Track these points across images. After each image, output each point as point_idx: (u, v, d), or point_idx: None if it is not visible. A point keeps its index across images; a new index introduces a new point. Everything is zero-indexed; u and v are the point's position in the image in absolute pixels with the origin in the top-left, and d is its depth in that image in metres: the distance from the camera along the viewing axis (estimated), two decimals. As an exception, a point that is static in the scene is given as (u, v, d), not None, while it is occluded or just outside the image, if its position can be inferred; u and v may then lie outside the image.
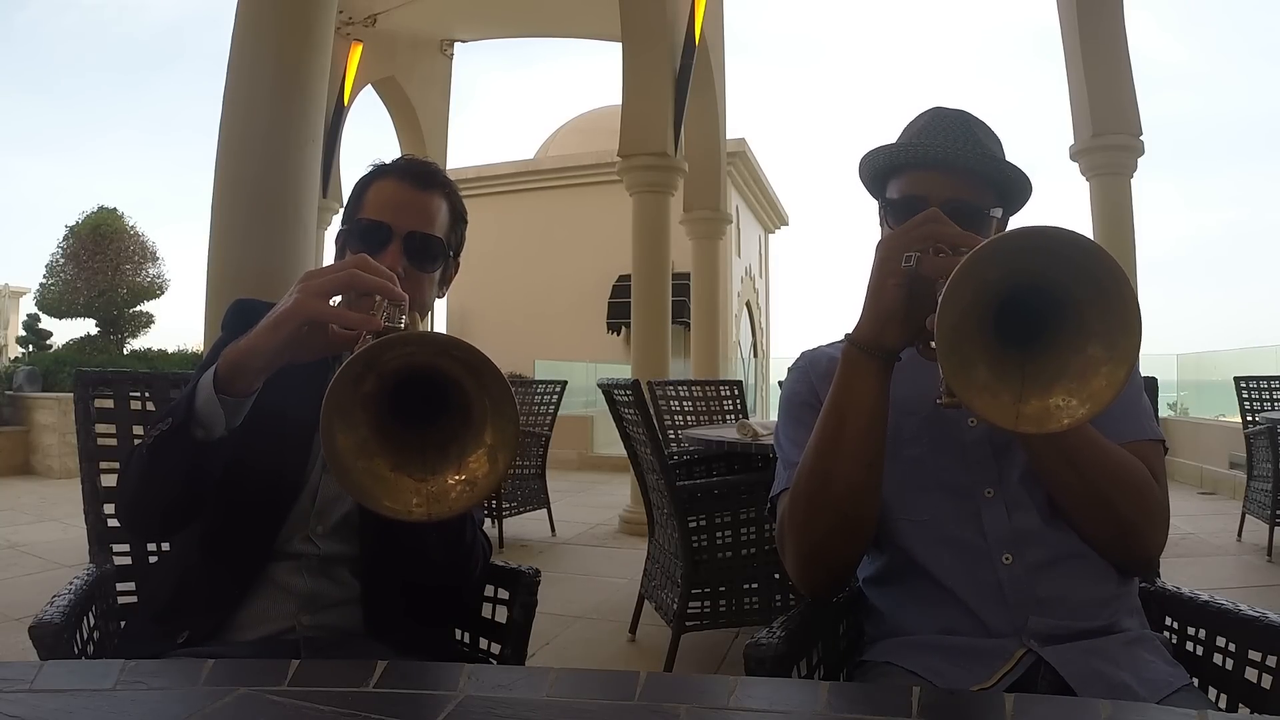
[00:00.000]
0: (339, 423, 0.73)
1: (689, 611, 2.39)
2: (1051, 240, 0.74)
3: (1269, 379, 4.51)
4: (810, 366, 1.14)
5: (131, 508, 1.06)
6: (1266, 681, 0.94)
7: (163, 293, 11.51)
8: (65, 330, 12.03)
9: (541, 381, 5.09)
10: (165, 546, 1.27)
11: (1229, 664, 1.00)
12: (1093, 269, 0.74)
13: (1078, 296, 0.76)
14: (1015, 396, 0.77)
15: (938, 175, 1.03)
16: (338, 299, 0.92)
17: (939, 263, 0.85)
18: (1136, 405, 1.04)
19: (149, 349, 10.45)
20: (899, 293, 0.88)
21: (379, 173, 1.15)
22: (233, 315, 1.13)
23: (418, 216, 1.11)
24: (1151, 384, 1.24)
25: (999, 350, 0.78)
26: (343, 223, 1.15)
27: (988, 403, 0.76)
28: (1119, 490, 0.94)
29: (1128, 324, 0.74)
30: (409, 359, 0.74)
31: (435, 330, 0.86)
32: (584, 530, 5.03)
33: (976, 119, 1.09)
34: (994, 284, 0.76)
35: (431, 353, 0.75)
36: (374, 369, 0.74)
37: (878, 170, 1.10)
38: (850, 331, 0.94)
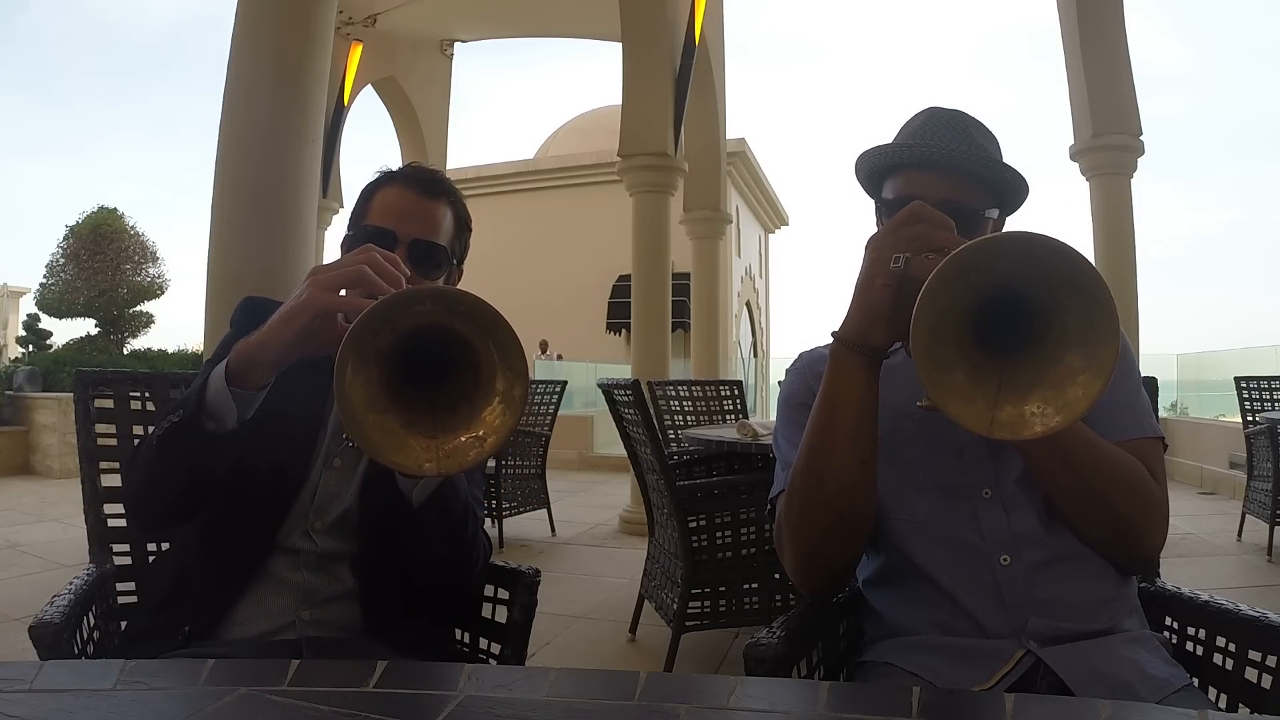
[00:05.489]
0: (353, 366, 0.74)
1: (689, 611, 2.39)
2: (1033, 247, 0.74)
3: (1269, 379, 4.52)
4: (808, 368, 1.13)
5: (138, 499, 1.07)
6: (1266, 681, 0.94)
7: (163, 293, 11.55)
8: (65, 330, 12.09)
9: (541, 381, 5.09)
10: (165, 545, 1.27)
11: (1229, 664, 1.00)
12: (1075, 278, 0.74)
13: (1059, 305, 0.76)
14: (990, 403, 0.77)
15: (933, 176, 1.02)
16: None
17: (927, 265, 0.84)
18: (1135, 402, 1.03)
19: (149, 349, 10.48)
20: (886, 293, 0.88)
21: (385, 179, 1.16)
22: (242, 312, 1.13)
23: (423, 224, 1.12)
24: (1151, 384, 1.23)
25: (977, 356, 0.78)
26: (349, 228, 1.16)
27: (962, 408, 0.76)
28: (1116, 490, 0.94)
29: (1107, 335, 0.74)
30: (422, 317, 0.76)
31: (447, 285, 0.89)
32: (584, 530, 5.03)
33: (973, 119, 1.08)
34: (973, 288, 0.76)
35: (444, 309, 0.76)
36: (390, 323, 0.75)
37: (874, 170, 1.09)
38: (837, 329, 0.94)
